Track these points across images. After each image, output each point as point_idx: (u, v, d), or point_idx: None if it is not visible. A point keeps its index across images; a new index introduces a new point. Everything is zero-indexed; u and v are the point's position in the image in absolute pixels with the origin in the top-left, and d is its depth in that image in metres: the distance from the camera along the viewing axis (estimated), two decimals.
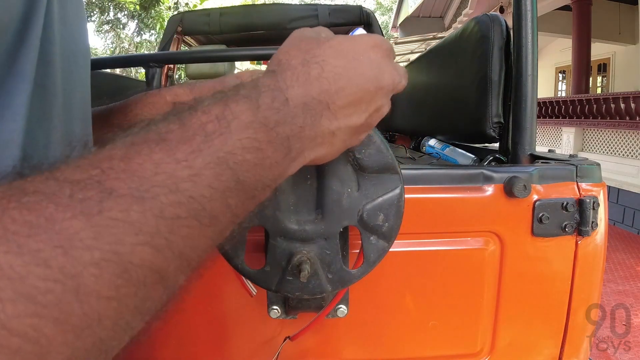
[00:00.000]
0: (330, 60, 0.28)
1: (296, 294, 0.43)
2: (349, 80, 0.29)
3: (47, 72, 0.29)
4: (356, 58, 0.29)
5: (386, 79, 0.31)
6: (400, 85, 0.33)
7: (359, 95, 0.29)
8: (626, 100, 4.11)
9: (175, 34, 2.01)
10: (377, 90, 0.30)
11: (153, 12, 11.54)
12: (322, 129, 0.28)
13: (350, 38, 0.31)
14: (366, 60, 0.30)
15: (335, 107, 0.28)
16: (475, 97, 0.81)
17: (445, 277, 0.60)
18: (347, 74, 0.29)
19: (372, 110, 0.31)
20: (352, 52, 0.29)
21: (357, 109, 0.30)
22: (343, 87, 0.28)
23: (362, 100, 0.30)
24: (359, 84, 0.29)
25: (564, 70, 8.62)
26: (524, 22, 0.69)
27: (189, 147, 0.21)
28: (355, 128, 0.30)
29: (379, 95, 0.31)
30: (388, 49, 0.32)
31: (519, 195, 0.56)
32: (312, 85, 0.27)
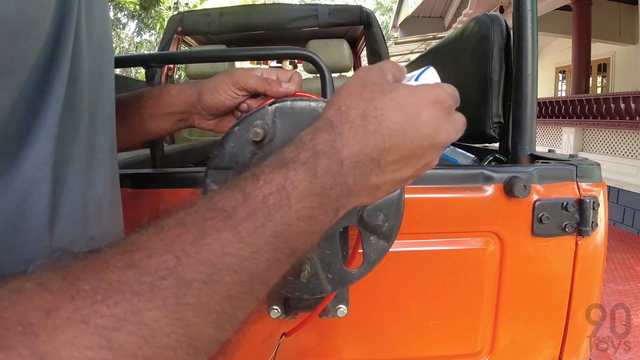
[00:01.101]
0: (389, 115, 0.28)
1: (296, 294, 0.43)
2: (404, 136, 0.28)
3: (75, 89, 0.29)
4: (416, 114, 0.29)
5: (441, 137, 0.30)
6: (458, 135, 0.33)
7: (411, 152, 0.29)
8: (626, 100, 4.11)
9: (175, 34, 2.01)
10: (431, 147, 0.30)
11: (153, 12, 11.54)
12: (368, 184, 0.28)
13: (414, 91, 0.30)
14: (425, 117, 0.29)
15: (385, 163, 0.28)
16: (475, 97, 0.80)
17: (445, 277, 0.60)
18: (404, 130, 0.28)
19: (421, 165, 0.31)
20: (413, 108, 0.29)
21: (406, 164, 0.30)
22: (397, 143, 0.28)
23: (413, 156, 0.30)
24: (413, 141, 0.29)
25: (564, 70, 8.62)
26: (524, 22, 0.69)
27: (252, 224, 0.22)
28: (400, 181, 0.30)
29: (431, 152, 0.31)
30: (450, 105, 0.31)
31: (519, 195, 0.56)
32: (367, 141, 0.27)
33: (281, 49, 0.73)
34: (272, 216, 0.23)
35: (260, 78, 0.50)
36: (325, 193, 0.25)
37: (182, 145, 1.47)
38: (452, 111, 0.32)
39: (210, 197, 0.23)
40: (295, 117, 0.39)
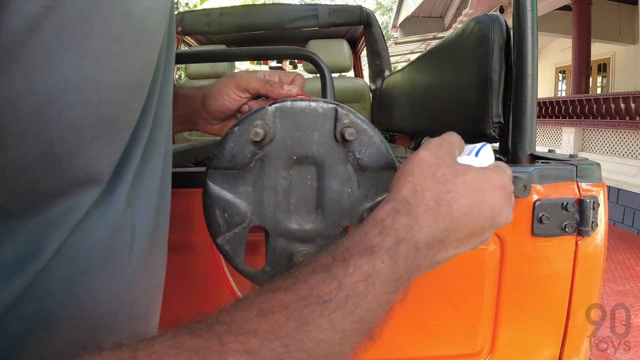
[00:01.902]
0: (459, 199, 0.30)
1: None
2: (470, 218, 0.30)
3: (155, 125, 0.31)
4: (482, 198, 0.31)
5: (501, 219, 0.33)
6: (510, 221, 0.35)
7: (473, 232, 0.31)
8: (626, 100, 4.11)
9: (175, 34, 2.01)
10: (490, 227, 0.32)
11: None
12: (434, 262, 0.30)
13: (483, 175, 0.32)
14: (490, 201, 0.31)
15: (450, 242, 0.30)
16: (475, 97, 0.80)
17: (445, 277, 0.60)
18: (471, 213, 0.30)
19: (480, 242, 0.33)
20: (480, 192, 0.31)
21: (467, 242, 0.32)
22: (463, 225, 0.30)
23: (474, 235, 0.31)
24: (477, 223, 0.31)
25: (564, 70, 8.62)
26: (524, 22, 0.69)
27: (343, 312, 0.24)
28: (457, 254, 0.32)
29: (490, 231, 0.33)
30: (511, 190, 0.34)
31: (519, 195, 0.56)
32: (438, 224, 0.29)
33: (281, 49, 0.73)
34: (359, 303, 0.25)
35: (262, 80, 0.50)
36: (401, 277, 0.27)
37: (182, 145, 1.47)
38: (512, 195, 0.34)
39: (305, 279, 0.25)
40: (295, 117, 0.40)
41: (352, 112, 0.39)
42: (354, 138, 0.38)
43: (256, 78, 0.50)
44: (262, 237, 0.43)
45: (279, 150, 0.40)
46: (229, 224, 0.41)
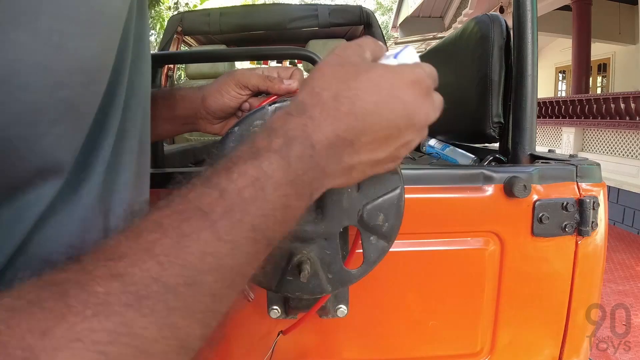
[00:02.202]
0: (363, 96, 0.28)
1: (296, 294, 0.43)
2: (379, 117, 0.28)
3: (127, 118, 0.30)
4: (392, 95, 0.28)
5: (420, 117, 0.30)
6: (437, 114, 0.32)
7: (387, 132, 0.29)
8: (626, 100, 4.11)
9: (175, 34, 2.01)
10: (408, 127, 0.30)
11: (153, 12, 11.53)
12: (342, 165, 0.28)
13: (391, 70, 0.29)
14: (402, 97, 0.29)
15: (360, 144, 0.28)
16: (475, 97, 0.80)
17: (445, 277, 0.60)
18: (379, 111, 0.28)
19: (399, 145, 0.30)
20: (389, 88, 0.28)
21: (383, 145, 0.29)
22: (371, 124, 0.28)
23: (390, 137, 0.29)
24: (389, 121, 0.28)
25: (564, 70, 8.62)
26: (524, 22, 0.69)
27: (229, 221, 0.22)
28: (377, 161, 0.30)
29: (409, 132, 0.30)
30: (428, 85, 0.31)
31: (519, 195, 0.56)
32: (339, 122, 0.27)
33: (281, 49, 0.73)
34: (248, 210, 0.23)
35: (261, 76, 0.50)
36: (299, 179, 0.25)
37: (182, 145, 1.47)
38: (431, 91, 0.32)
39: (184, 195, 0.23)
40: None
41: None
42: None
43: (255, 74, 0.50)
44: None
45: None
46: None
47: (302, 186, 0.25)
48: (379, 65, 0.30)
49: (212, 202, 0.22)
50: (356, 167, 0.29)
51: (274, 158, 0.24)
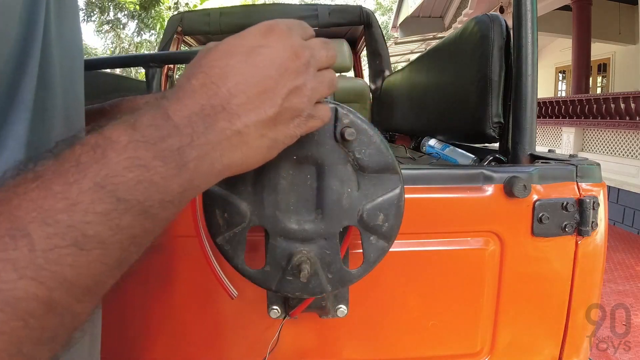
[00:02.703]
0: (216, 64, 0.28)
1: (296, 294, 0.43)
2: (242, 75, 0.28)
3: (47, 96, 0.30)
4: (246, 51, 0.29)
5: (287, 58, 0.30)
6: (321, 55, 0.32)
7: (259, 86, 0.29)
8: (626, 100, 4.11)
9: (175, 34, 2.01)
10: (281, 73, 0.29)
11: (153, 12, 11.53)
12: (223, 132, 0.28)
13: (238, 34, 0.30)
14: (258, 49, 0.29)
15: (233, 106, 0.28)
16: (475, 97, 0.80)
17: (445, 277, 0.60)
18: (238, 69, 0.28)
19: (284, 95, 0.30)
20: (240, 47, 0.29)
21: (261, 99, 0.29)
22: (236, 83, 0.28)
23: (266, 89, 0.29)
24: (255, 75, 0.29)
25: (564, 70, 8.62)
26: (524, 22, 0.69)
27: (64, 179, 0.22)
28: (270, 119, 0.29)
29: (287, 77, 0.30)
30: (281, 29, 0.31)
31: (519, 195, 0.56)
32: (197, 94, 0.27)
33: None
34: (85, 171, 0.22)
35: None
36: (154, 143, 0.25)
37: None
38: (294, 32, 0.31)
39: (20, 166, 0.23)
40: None
41: (352, 112, 0.39)
42: (353, 138, 0.38)
43: None
44: (262, 237, 0.43)
45: None
46: (229, 224, 0.41)
47: (163, 152, 0.25)
48: (229, 37, 0.31)
49: (46, 168, 0.22)
50: (246, 131, 0.28)
51: (117, 126, 0.25)
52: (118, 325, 0.61)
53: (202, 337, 0.61)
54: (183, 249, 0.57)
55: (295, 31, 0.32)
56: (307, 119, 0.32)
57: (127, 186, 0.23)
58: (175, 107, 0.26)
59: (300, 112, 0.31)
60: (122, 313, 0.60)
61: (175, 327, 0.61)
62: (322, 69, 0.33)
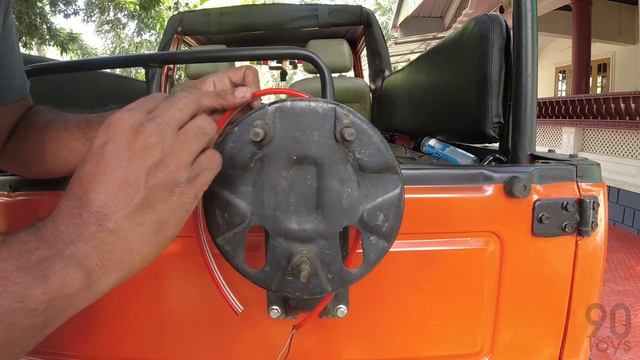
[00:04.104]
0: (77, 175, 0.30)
1: (296, 294, 0.43)
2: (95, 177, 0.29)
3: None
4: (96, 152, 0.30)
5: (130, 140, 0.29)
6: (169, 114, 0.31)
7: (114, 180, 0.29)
8: (626, 100, 4.11)
9: (175, 34, 2.01)
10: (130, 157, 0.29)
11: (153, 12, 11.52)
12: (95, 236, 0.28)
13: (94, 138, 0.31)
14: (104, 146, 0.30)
15: (98, 208, 0.28)
16: (475, 97, 0.80)
17: (445, 277, 0.60)
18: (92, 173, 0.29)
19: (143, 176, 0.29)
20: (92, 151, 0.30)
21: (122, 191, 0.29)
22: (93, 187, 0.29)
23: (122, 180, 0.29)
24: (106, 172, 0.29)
25: (564, 70, 8.62)
26: (524, 22, 0.69)
27: None
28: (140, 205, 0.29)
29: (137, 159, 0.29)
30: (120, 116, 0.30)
31: (519, 195, 0.56)
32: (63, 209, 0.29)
33: (281, 49, 0.73)
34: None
35: (212, 95, 0.45)
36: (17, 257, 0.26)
37: None
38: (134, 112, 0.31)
39: None
40: (295, 118, 0.40)
41: (352, 112, 0.39)
42: (353, 138, 0.38)
43: (206, 95, 0.45)
44: (262, 237, 0.43)
45: (278, 150, 0.40)
46: (229, 224, 0.41)
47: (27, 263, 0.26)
48: None
49: None
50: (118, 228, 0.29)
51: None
52: (117, 326, 0.61)
53: (202, 338, 0.61)
54: (183, 249, 0.58)
55: (136, 111, 0.31)
56: (190, 181, 0.31)
57: None
58: (47, 224, 0.28)
59: (175, 182, 0.31)
60: (122, 313, 0.60)
61: (175, 327, 0.61)
62: (182, 125, 0.32)
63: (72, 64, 1.40)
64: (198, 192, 0.33)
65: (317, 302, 0.52)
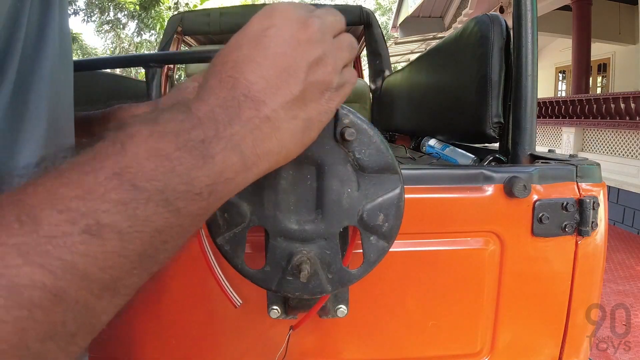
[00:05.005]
0: (228, 58, 0.28)
1: (296, 294, 0.43)
2: (255, 60, 0.27)
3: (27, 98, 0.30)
4: (254, 37, 0.28)
5: (296, 30, 0.29)
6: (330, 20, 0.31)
7: (276, 67, 0.28)
8: (626, 100, 4.12)
9: (175, 34, 2.01)
10: (295, 47, 0.28)
11: (153, 12, 11.53)
12: (250, 120, 0.26)
13: (244, 26, 0.30)
14: (264, 32, 0.28)
15: (255, 93, 0.27)
16: (475, 97, 0.80)
17: (445, 277, 0.60)
18: (251, 56, 0.27)
19: (305, 69, 0.28)
20: (249, 34, 0.28)
21: (282, 80, 0.28)
22: (252, 70, 0.27)
23: (284, 68, 0.28)
24: (268, 57, 0.28)
25: (564, 70, 8.62)
26: (524, 22, 0.69)
27: (80, 169, 0.22)
28: (297, 97, 0.28)
29: (301, 50, 0.28)
30: (283, 7, 0.29)
31: (519, 195, 0.56)
32: (215, 90, 0.27)
33: None
34: (103, 162, 0.22)
35: None
36: (177, 135, 0.24)
37: None
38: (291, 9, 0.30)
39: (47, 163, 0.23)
40: None
41: (352, 112, 0.39)
42: (353, 138, 0.38)
43: None
44: (262, 237, 0.43)
45: None
46: (229, 224, 0.41)
47: (186, 143, 0.24)
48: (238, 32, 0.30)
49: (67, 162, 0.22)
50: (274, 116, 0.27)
51: (138, 122, 0.24)
52: (116, 325, 0.61)
53: (202, 338, 0.61)
54: (183, 248, 0.58)
55: (298, 6, 0.30)
56: (337, 89, 0.31)
57: (146, 175, 0.22)
58: (196, 104, 0.26)
59: (328, 84, 0.30)
60: (121, 312, 0.60)
61: (175, 328, 0.61)
62: (336, 34, 0.32)
63: None
64: (339, 103, 0.32)
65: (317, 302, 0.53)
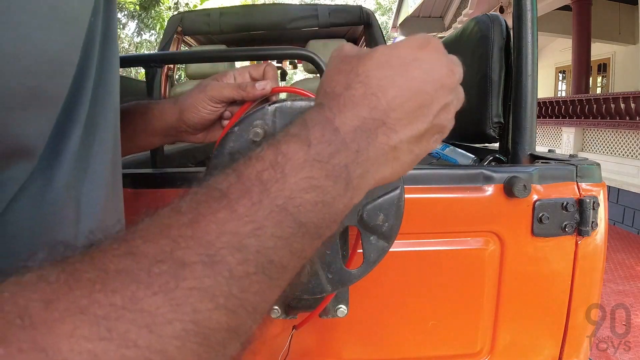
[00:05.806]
0: (374, 74, 0.27)
1: (296, 294, 0.43)
2: (400, 88, 0.27)
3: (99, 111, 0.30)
4: (403, 63, 0.28)
5: (444, 75, 0.29)
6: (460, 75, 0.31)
7: (416, 101, 0.28)
8: (626, 100, 4.11)
9: (175, 34, 2.01)
10: (437, 89, 0.29)
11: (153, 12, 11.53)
12: (381, 147, 0.27)
13: (393, 45, 0.29)
14: (415, 62, 0.28)
15: (392, 120, 0.27)
16: (475, 97, 0.80)
17: (445, 277, 0.60)
18: (396, 82, 0.27)
19: (436, 111, 0.29)
20: (397, 59, 0.28)
21: (418, 115, 0.28)
22: (394, 97, 0.27)
23: (422, 104, 0.28)
24: (412, 89, 0.28)
25: (564, 70, 8.62)
26: (524, 22, 0.69)
27: (248, 200, 0.22)
28: (420, 135, 0.29)
29: (441, 94, 0.29)
30: (436, 44, 0.30)
31: (519, 195, 0.56)
32: (359, 106, 0.26)
33: (281, 49, 0.73)
34: (268, 191, 0.22)
35: (233, 86, 0.49)
36: (327, 162, 0.24)
37: (182, 145, 1.47)
38: (441, 49, 0.30)
39: (203, 183, 0.23)
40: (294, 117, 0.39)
41: None
42: None
43: (228, 87, 0.49)
44: None
45: None
46: None
47: (334, 170, 0.24)
48: (380, 46, 0.30)
49: (231, 185, 0.22)
50: (399, 147, 0.28)
51: (292, 141, 0.24)
52: None
53: None
54: None
55: (441, 46, 0.31)
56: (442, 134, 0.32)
57: (306, 209, 0.23)
58: (340, 120, 0.26)
59: (443, 129, 0.31)
60: None
61: None
62: None
63: None
64: (436, 147, 0.33)
65: (317, 302, 0.53)
